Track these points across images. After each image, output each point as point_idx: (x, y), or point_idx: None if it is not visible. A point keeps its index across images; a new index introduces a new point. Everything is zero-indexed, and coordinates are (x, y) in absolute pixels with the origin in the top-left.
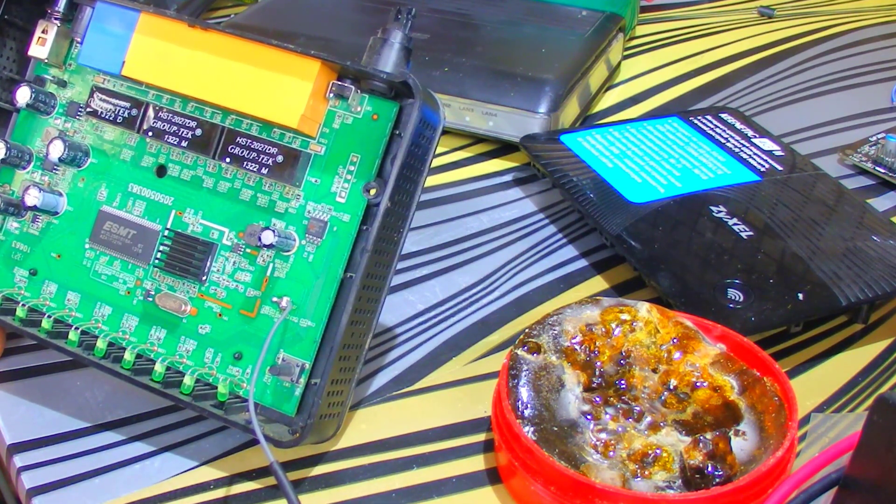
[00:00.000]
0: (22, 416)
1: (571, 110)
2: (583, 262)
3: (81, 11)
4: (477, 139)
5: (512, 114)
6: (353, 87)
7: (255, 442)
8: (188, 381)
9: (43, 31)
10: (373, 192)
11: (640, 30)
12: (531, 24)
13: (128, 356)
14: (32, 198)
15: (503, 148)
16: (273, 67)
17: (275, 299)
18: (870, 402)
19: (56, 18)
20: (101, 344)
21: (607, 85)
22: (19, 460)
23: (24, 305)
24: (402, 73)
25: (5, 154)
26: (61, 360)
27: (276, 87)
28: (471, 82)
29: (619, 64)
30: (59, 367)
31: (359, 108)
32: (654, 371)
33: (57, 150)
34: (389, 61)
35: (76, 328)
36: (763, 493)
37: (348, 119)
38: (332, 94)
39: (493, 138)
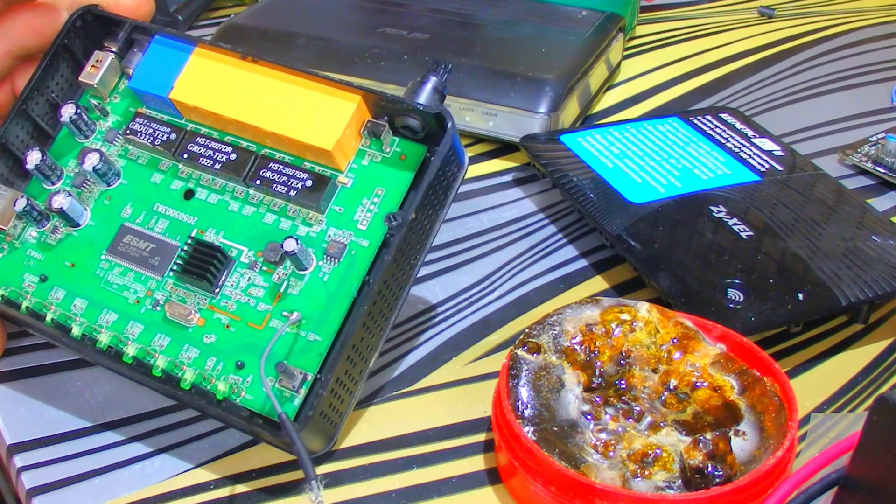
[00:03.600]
0: (22, 416)
1: (571, 110)
2: (583, 262)
3: (138, 45)
4: (477, 139)
5: (512, 114)
6: (386, 125)
7: (254, 443)
8: (189, 376)
9: (97, 61)
10: (394, 221)
11: (640, 30)
12: (531, 24)
13: (129, 350)
14: (59, 202)
15: (503, 148)
16: (316, 96)
17: (285, 313)
18: (870, 402)
19: (111, 51)
20: (103, 339)
21: (607, 85)
22: (19, 460)
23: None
24: (436, 105)
25: (39, 162)
26: (61, 360)
27: (316, 113)
28: (471, 82)
29: (619, 64)
30: (59, 367)
31: (388, 149)
32: (654, 371)
33: (92, 161)
34: (424, 101)
35: (79, 326)
36: (763, 493)
37: (377, 157)
38: (366, 132)
39: (493, 138)
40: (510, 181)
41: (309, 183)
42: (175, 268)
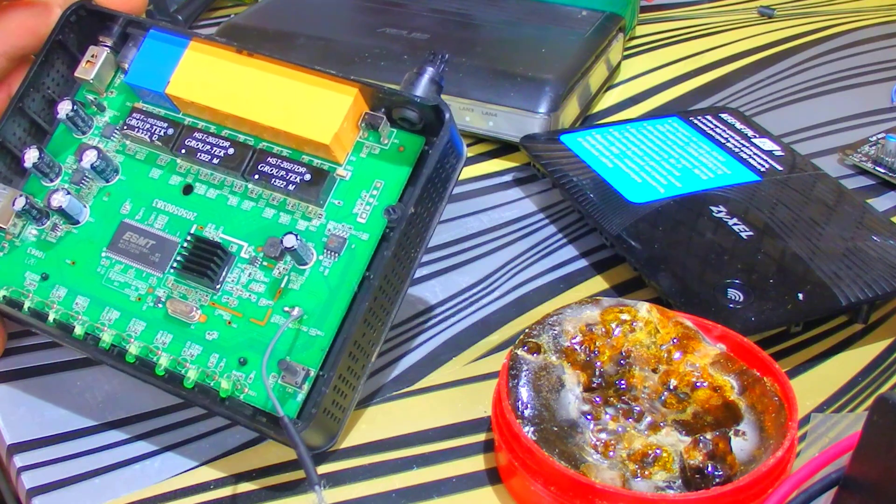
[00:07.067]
0: (22, 416)
1: (571, 110)
2: (583, 262)
3: (133, 40)
4: (477, 139)
5: (512, 114)
6: (384, 118)
7: (255, 442)
8: (192, 374)
9: (92, 56)
10: (394, 213)
11: (640, 30)
12: (531, 24)
13: (132, 350)
14: (58, 201)
15: (503, 148)
16: (313, 90)
17: (286, 309)
18: (870, 402)
19: (106, 45)
20: (106, 337)
21: (607, 85)
22: (19, 460)
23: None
24: (433, 98)
25: (37, 160)
26: (61, 360)
27: (313, 107)
28: (471, 82)
29: (619, 64)
30: (59, 367)
31: (386, 141)
32: (654, 371)
33: (90, 158)
34: (422, 92)
35: (81, 325)
36: (763, 493)
37: (375, 150)
38: (363, 124)
39: (493, 138)
40: (510, 181)
41: (307, 177)
42: (175, 265)
